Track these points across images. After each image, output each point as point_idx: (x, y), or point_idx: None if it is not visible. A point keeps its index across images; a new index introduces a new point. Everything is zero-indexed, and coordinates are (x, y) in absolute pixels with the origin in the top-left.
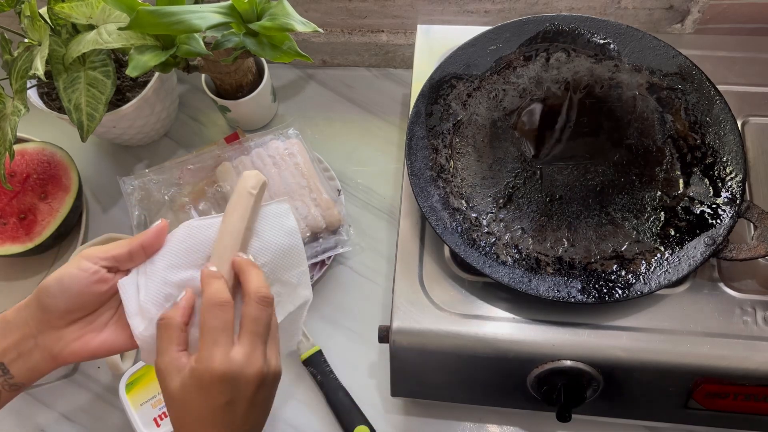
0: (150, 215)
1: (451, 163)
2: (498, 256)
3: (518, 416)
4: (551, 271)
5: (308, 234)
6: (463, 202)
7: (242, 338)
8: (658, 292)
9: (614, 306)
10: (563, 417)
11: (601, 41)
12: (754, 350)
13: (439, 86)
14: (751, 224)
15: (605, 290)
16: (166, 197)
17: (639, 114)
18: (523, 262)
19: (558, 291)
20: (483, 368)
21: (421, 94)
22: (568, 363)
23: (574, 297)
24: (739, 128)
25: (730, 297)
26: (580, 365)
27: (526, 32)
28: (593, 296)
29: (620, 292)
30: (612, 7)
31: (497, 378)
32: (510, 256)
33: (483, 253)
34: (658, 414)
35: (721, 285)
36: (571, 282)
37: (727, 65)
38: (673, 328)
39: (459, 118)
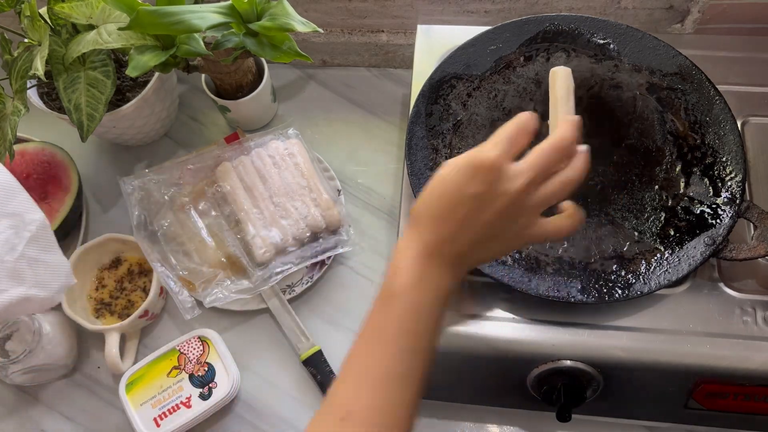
0: (150, 215)
1: None
2: None
3: (518, 416)
4: (551, 271)
5: (308, 234)
6: None
7: (525, 159)
8: (658, 292)
9: (614, 306)
10: (563, 417)
11: (601, 41)
12: (754, 350)
13: (439, 86)
14: (751, 224)
15: (605, 290)
16: (166, 197)
17: (639, 114)
18: (523, 262)
19: (558, 291)
20: (483, 368)
21: (421, 94)
22: (568, 363)
23: (574, 297)
24: (739, 128)
25: (730, 297)
26: (580, 365)
27: (526, 32)
28: (593, 296)
29: (620, 292)
30: (612, 7)
31: (497, 378)
32: (510, 255)
33: None
34: (658, 414)
35: (721, 285)
36: (571, 282)
37: (727, 65)
38: (673, 328)
39: (459, 118)
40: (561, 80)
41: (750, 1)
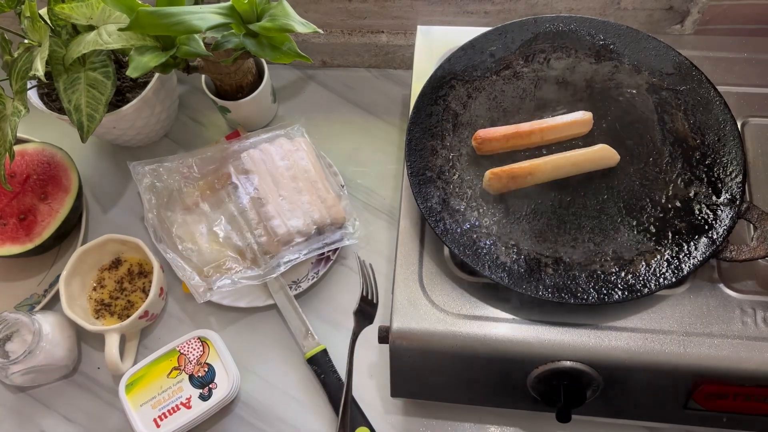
0: (159, 202)
1: (451, 163)
2: (498, 257)
3: (518, 417)
4: (551, 272)
5: (314, 228)
6: (463, 203)
7: None
8: (658, 293)
9: (614, 307)
10: (563, 417)
11: (601, 42)
12: (753, 351)
13: (439, 87)
14: (751, 225)
15: (605, 291)
16: (176, 185)
17: (639, 114)
18: (523, 263)
19: (558, 292)
20: (483, 369)
21: (421, 95)
22: (568, 364)
23: (574, 298)
24: (739, 129)
25: (729, 298)
26: (580, 366)
27: (526, 33)
28: (593, 297)
29: (620, 293)
30: (612, 8)
31: (497, 379)
32: (509, 257)
33: (483, 253)
34: (658, 414)
35: (721, 286)
36: (570, 283)
37: (726, 66)
38: (672, 329)
39: (459, 119)
40: None
41: (749, 2)
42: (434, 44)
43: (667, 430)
